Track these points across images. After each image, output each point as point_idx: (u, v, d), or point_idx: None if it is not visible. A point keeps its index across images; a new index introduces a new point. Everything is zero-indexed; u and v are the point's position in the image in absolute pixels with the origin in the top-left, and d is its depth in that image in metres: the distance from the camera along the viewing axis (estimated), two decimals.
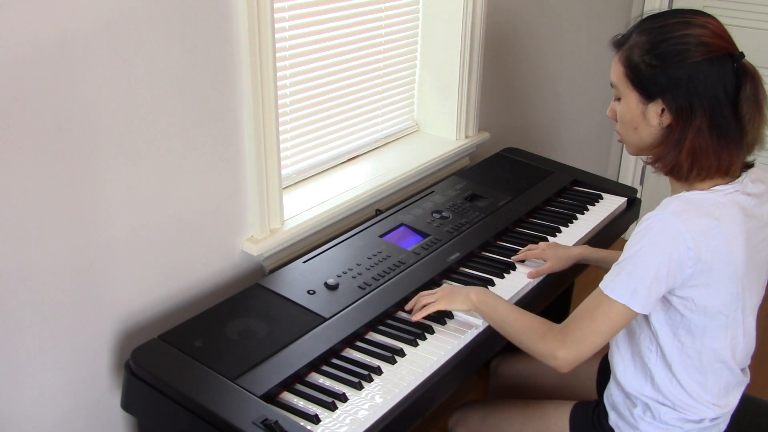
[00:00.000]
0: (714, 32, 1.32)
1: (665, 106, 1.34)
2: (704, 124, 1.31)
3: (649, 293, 1.31)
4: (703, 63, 1.30)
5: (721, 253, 1.31)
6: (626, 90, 1.39)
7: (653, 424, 1.45)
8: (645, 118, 1.38)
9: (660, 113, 1.36)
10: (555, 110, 3.05)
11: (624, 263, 1.32)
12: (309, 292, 1.65)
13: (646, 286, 1.30)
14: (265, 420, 1.28)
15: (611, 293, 1.33)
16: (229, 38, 1.61)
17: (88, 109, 1.41)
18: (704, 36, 1.31)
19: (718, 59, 1.31)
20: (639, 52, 1.35)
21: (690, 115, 1.32)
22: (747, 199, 1.36)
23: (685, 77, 1.31)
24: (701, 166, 1.34)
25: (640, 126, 1.39)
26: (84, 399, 1.60)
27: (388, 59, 2.29)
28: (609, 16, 3.20)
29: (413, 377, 1.44)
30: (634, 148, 1.45)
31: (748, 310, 1.42)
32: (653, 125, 1.37)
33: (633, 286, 1.31)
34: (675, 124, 1.34)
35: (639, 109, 1.38)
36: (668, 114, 1.35)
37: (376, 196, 2.11)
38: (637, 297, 1.31)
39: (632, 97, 1.38)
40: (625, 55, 1.38)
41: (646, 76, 1.35)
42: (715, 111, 1.31)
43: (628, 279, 1.31)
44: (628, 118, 1.41)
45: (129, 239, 1.57)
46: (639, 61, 1.35)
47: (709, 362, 1.41)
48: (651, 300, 1.32)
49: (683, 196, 1.34)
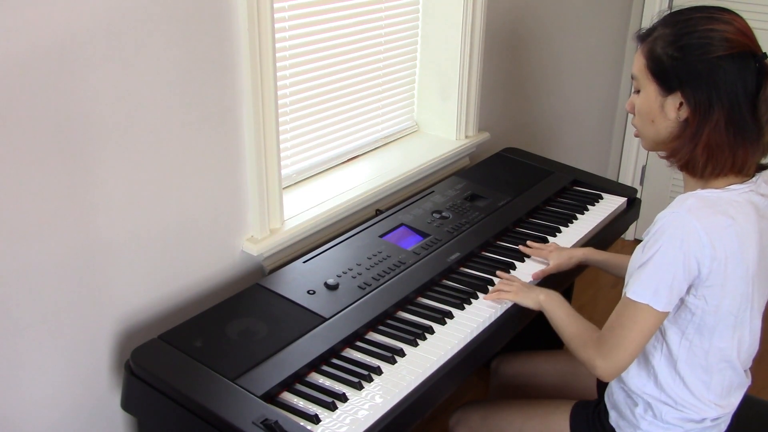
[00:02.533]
0: (738, 29, 1.33)
1: (684, 99, 1.35)
2: (721, 120, 1.32)
3: (671, 291, 1.32)
4: (725, 59, 1.31)
5: (734, 252, 1.31)
6: (646, 82, 1.39)
7: (654, 423, 1.45)
8: (663, 111, 1.38)
9: (678, 107, 1.36)
10: (555, 110, 3.05)
11: (644, 265, 1.33)
12: (309, 292, 1.65)
13: (667, 285, 1.31)
14: (265, 420, 1.28)
15: (633, 296, 1.34)
16: (229, 38, 1.61)
17: (88, 109, 1.41)
18: (728, 32, 1.32)
19: (740, 57, 1.31)
20: (662, 44, 1.36)
21: (708, 109, 1.32)
22: (761, 199, 1.37)
23: (705, 71, 1.31)
24: (716, 163, 1.34)
25: (658, 119, 1.39)
26: (84, 399, 1.60)
27: (388, 59, 2.29)
28: (609, 17, 3.20)
29: (413, 377, 1.44)
30: (650, 142, 1.45)
31: (755, 311, 1.42)
32: (670, 118, 1.38)
33: (654, 286, 1.32)
34: (692, 119, 1.35)
35: (657, 102, 1.38)
36: (686, 108, 1.35)
37: (376, 196, 2.11)
38: (660, 296, 1.32)
39: (651, 89, 1.39)
40: (648, 47, 1.39)
41: (667, 68, 1.35)
42: (733, 108, 1.31)
43: (649, 280, 1.32)
44: (645, 110, 1.41)
45: (129, 239, 1.57)
46: (661, 53, 1.36)
47: (715, 361, 1.41)
48: (673, 298, 1.33)
49: (698, 193, 1.35)
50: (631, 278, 1.37)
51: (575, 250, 1.85)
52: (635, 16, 3.34)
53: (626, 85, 3.48)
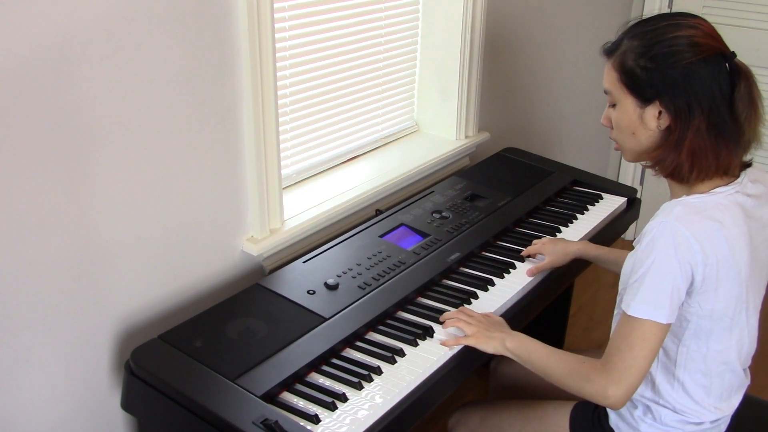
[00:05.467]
0: (705, 32, 1.33)
1: (663, 108, 1.35)
2: (702, 124, 1.32)
3: (672, 302, 1.30)
4: (697, 63, 1.31)
5: (725, 255, 1.31)
6: (622, 96, 1.39)
7: (653, 425, 1.45)
8: (643, 122, 1.38)
9: (657, 116, 1.36)
10: (555, 110, 3.05)
11: (640, 280, 1.31)
12: (309, 292, 1.65)
13: (667, 296, 1.29)
14: (265, 420, 1.28)
15: (635, 313, 1.31)
16: (229, 38, 1.61)
17: (88, 109, 1.41)
18: (695, 37, 1.32)
19: (711, 59, 1.31)
20: (632, 56, 1.36)
21: (688, 115, 1.32)
22: (747, 200, 1.36)
23: (681, 78, 1.32)
24: (701, 167, 1.34)
25: (638, 130, 1.39)
26: (84, 399, 1.60)
27: (388, 59, 2.29)
28: (609, 17, 3.20)
29: (413, 377, 1.44)
30: (632, 154, 1.44)
31: (751, 311, 1.42)
32: (651, 128, 1.37)
33: (654, 300, 1.29)
34: (674, 126, 1.34)
35: (636, 114, 1.38)
36: (666, 116, 1.35)
37: (376, 196, 2.11)
38: (661, 309, 1.29)
39: (628, 102, 1.38)
40: (618, 60, 1.39)
41: (642, 80, 1.35)
42: (712, 111, 1.31)
43: (648, 294, 1.30)
44: (625, 123, 1.41)
45: (129, 239, 1.57)
46: (633, 65, 1.36)
47: (714, 365, 1.41)
48: (675, 308, 1.31)
49: (684, 200, 1.34)
50: (627, 294, 1.34)
51: (570, 244, 1.83)
52: (635, 16, 3.33)
53: None
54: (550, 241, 1.85)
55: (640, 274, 1.31)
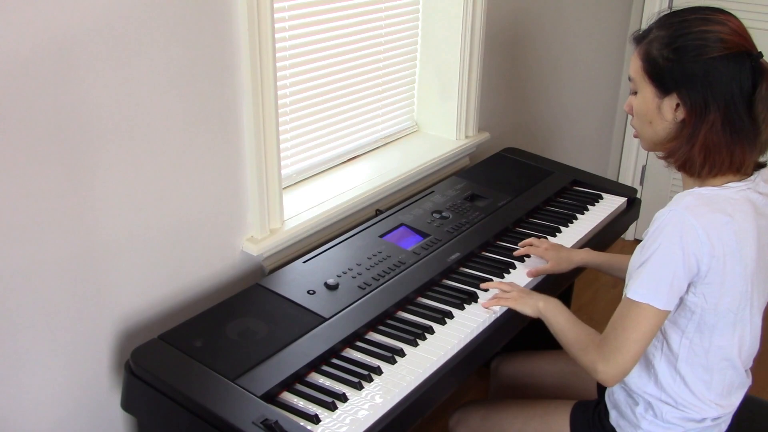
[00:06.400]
0: (733, 30, 1.33)
1: (680, 100, 1.35)
2: (717, 120, 1.32)
3: (671, 289, 1.32)
4: (719, 59, 1.31)
5: (732, 249, 1.32)
6: (643, 84, 1.40)
7: (655, 422, 1.46)
8: (660, 113, 1.39)
9: (675, 108, 1.37)
10: (555, 110, 3.05)
11: (644, 264, 1.33)
12: (309, 292, 1.65)
13: (667, 283, 1.31)
14: (265, 420, 1.28)
15: (634, 296, 1.34)
16: (229, 38, 1.61)
17: (88, 109, 1.41)
18: (723, 33, 1.32)
19: (735, 57, 1.31)
20: (658, 45, 1.37)
21: (704, 110, 1.33)
22: (759, 197, 1.37)
23: (700, 72, 1.32)
24: (713, 162, 1.34)
25: (655, 120, 1.40)
26: (84, 399, 1.60)
27: (388, 59, 2.29)
28: (609, 17, 3.20)
29: (413, 377, 1.44)
30: (648, 143, 1.46)
31: (755, 310, 1.42)
32: (668, 120, 1.38)
33: (654, 285, 1.32)
34: (688, 119, 1.35)
35: (654, 103, 1.39)
36: (682, 109, 1.36)
37: (376, 196, 2.11)
38: (660, 294, 1.32)
39: (648, 90, 1.39)
40: (644, 49, 1.40)
41: (663, 70, 1.36)
42: (729, 108, 1.32)
43: (649, 279, 1.32)
44: (643, 111, 1.42)
45: (129, 239, 1.57)
46: (657, 55, 1.37)
47: (715, 360, 1.41)
48: (674, 296, 1.33)
49: (696, 191, 1.35)
50: (630, 279, 1.37)
51: (573, 253, 1.84)
52: (635, 16, 3.34)
53: (626, 85, 3.47)
54: (553, 247, 1.84)
55: (644, 259, 1.33)
